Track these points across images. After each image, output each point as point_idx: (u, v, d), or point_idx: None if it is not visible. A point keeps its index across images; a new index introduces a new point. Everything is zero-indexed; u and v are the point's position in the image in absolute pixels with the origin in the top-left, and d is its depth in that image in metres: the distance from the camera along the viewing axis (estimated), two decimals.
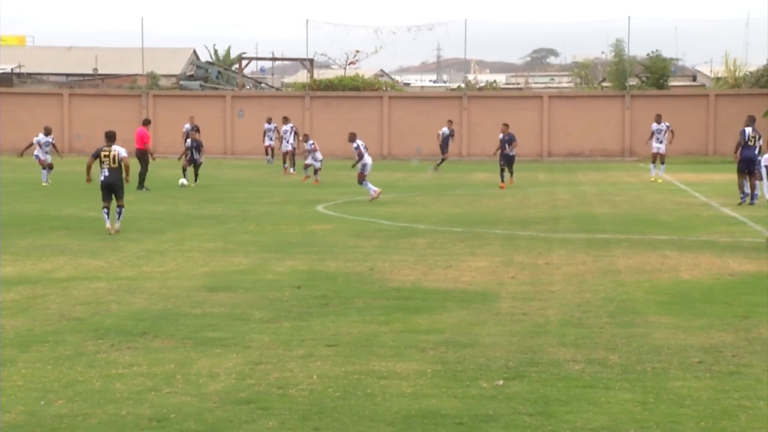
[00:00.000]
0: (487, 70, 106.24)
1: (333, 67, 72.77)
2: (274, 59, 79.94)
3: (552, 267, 16.22)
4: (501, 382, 9.23)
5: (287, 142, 40.61)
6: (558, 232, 20.92)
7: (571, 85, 73.30)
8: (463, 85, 62.56)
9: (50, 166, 33.60)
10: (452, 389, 9.01)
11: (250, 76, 77.27)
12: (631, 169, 43.98)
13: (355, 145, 28.36)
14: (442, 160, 42.18)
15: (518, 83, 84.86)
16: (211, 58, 77.47)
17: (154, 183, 31.86)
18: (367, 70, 69.52)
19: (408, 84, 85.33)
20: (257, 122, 53.25)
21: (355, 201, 27.98)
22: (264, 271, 15.74)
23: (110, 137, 20.84)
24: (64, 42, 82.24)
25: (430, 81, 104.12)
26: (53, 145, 34.47)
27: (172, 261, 16.77)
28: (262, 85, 70.98)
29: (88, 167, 20.80)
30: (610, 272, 15.66)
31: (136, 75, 64.38)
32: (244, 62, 68.80)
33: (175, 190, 31.41)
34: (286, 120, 42.17)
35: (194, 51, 77.37)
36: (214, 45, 78.65)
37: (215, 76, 66.62)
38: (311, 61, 64.27)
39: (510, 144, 33.42)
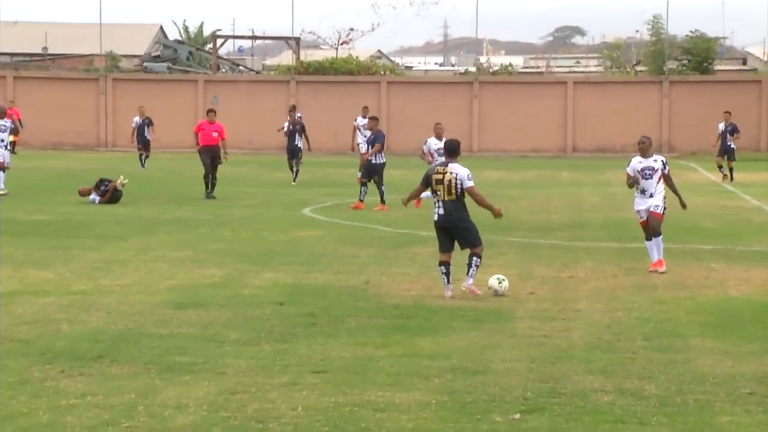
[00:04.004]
0: (502, 52, 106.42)
1: (322, 47, 72.79)
2: (253, 38, 79.98)
3: (577, 281, 16.21)
4: (517, 416, 9.21)
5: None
6: (584, 241, 20.90)
7: (600, 69, 73.35)
8: (473, 69, 62.62)
9: (3, 168, 29.14)
10: (460, 423, 8.99)
11: (225, 57, 77.29)
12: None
13: None
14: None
15: (538, 67, 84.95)
16: (181, 36, 77.49)
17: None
18: (362, 51, 69.60)
19: (410, 67, 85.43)
20: (234, 111, 53.24)
21: (348, 203, 27.96)
22: (241, 284, 15.72)
23: (452, 150, 15.12)
24: (8, 16, 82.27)
25: (436, 64, 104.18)
26: (11, 129, 29.65)
27: (134, 272, 16.75)
28: (240, 67, 71.01)
29: (413, 195, 15.93)
30: (646, 287, 15.65)
31: (92, 55, 64.40)
32: (218, 41, 68.85)
33: (137, 190, 31.37)
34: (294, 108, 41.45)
35: (161, 28, 77.42)
36: (184, 21, 78.80)
37: (185, 57, 66.63)
38: (297, 40, 64.30)
39: (373, 145, 26.63)
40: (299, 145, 35.04)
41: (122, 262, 17.81)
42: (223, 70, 67.57)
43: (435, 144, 25.09)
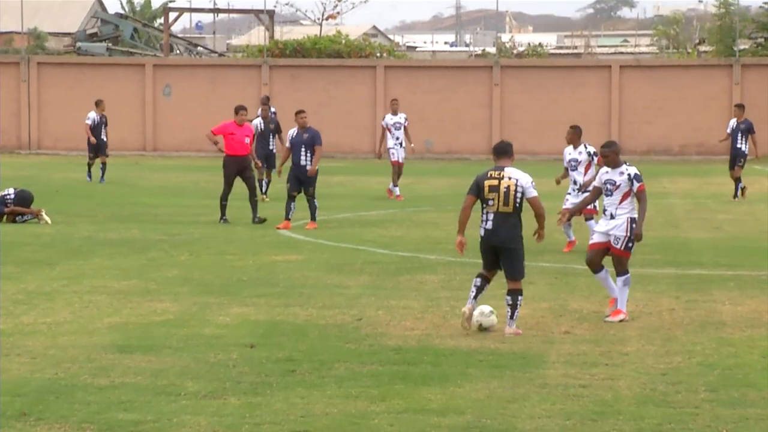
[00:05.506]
0: (530, 28, 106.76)
1: (303, 22, 72.94)
2: (215, 11, 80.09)
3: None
4: None
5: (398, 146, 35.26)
6: (633, 266, 20.85)
7: (653, 49, 73.50)
8: (493, 50, 62.73)
9: None
10: None
11: (180, 35, 77.40)
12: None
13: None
14: None
15: (575, 47, 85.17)
16: (124, 9, 77.64)
17: (39, 190, 31.62)
18: (353, 27, 69.74)
19: (413, 48, 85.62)
20: (191, 103, 53.34)
21: (335, 219, 27.97)
22: (201, 322, 15.72)
23: (502, 150, 15.79)
24: None
25: (446, 43, 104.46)
26: None
27: (66, 308, 16.73)
28: (199, 48, 71.12)
29: (464, 217, 15.37)
30: (710, 325, 15.66)
31: (11, 33, 64.44)
32: (171, 15, 68.94)
33: (70, 203, 31.36)
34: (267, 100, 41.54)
35: None
36: None
37: (129, 35, 66.72)
38: (271, 13, 64.43)
39: (308, 148, 27.24)
40: (274, 150, 34.27)
41: (50, 294, 17.78)
42: (178, 51, 67.66)
43: (568, 152, 23.49)
